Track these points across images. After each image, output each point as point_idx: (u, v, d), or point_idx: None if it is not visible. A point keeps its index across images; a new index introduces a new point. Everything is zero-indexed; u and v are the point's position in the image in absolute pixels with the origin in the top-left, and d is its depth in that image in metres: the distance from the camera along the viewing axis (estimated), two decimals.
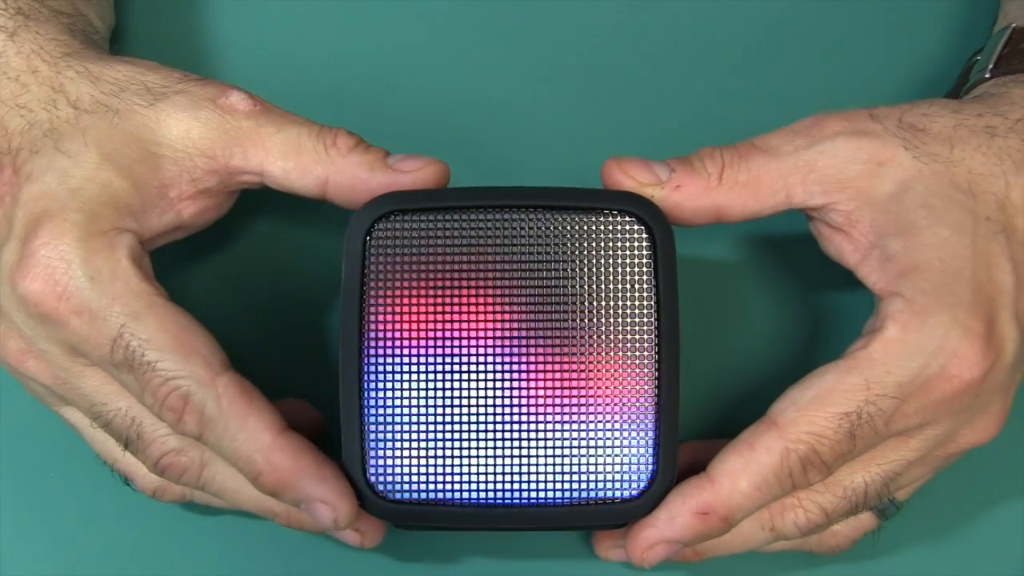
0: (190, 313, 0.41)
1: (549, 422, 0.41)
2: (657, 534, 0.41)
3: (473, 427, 0.41)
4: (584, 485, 0.41)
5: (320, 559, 0.48)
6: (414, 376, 0.41)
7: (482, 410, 0.41)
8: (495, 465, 0.41)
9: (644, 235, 0.41)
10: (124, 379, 0.41)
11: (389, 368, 0.41)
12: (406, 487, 0.41)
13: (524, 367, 0.41)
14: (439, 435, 0.41)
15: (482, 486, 0.41)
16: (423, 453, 0.41)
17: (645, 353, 0.41)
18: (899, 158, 0.41)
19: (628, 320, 0.41)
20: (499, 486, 0.41)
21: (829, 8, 0.52)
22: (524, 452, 0.41)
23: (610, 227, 0.41)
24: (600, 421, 0.41)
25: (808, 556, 0.46)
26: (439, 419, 0.41)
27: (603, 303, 0.41)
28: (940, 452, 0.42)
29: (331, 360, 0.49)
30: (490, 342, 0.41)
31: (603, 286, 0.41)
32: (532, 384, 0.41)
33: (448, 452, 0.41)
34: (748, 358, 0.49)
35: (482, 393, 0.41)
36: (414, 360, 0.41)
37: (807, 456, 0.40)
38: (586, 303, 0.41)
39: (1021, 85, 0.44)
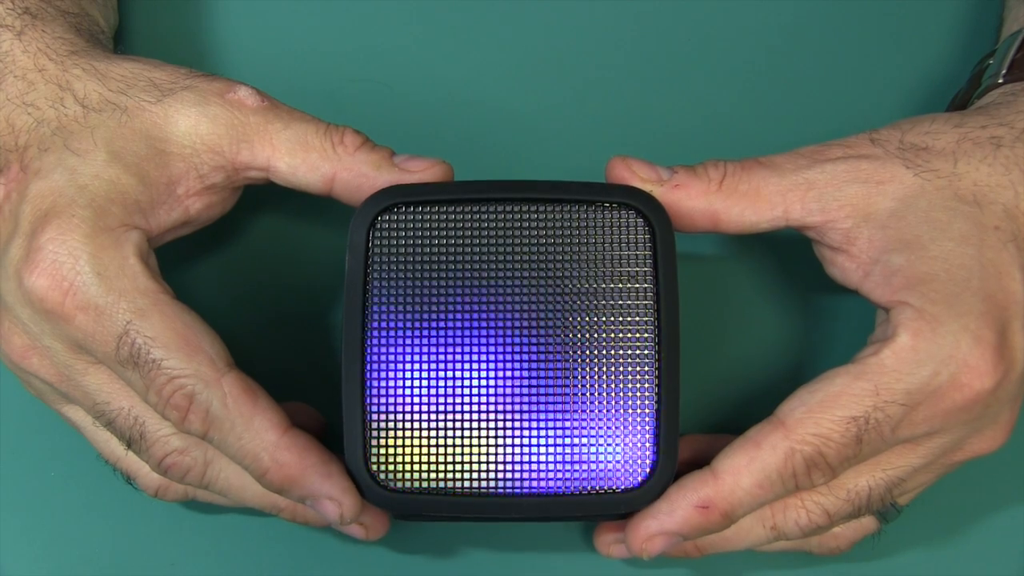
0: (195, 311, 0.41)
1: (551, 412, 0.41)
2: (657, 525, 0.41)
3: (475, 417, 0.41)
4: (585, 475, 0.41)
5: (322, 556, 0.48)
6: (416, 367, 0.41)
7: (484, 401, 0.41)
8: (496, 455, 0.41)
9: (645, 228, 0.41)
10: (128, 377, 0.41)
11: (391, 359, 0.41)
12: (408, 477, 0.41)
13: (526, 358, 0.41)
14: (441, 425, 0.41)
15: (483, 476, 0.41)
16: (425, 443, 0.41)
17: (646, 344, 0.41)
18: (900, 177, 0.41)
19: (629, 311, 0.41)
20: (500, 476, 0.41)
21: (836, 11, 0.52)
22: (526, 442, 0.41)
23: (611, 220, 0.41)
24: (601, 412, 0.41)
25: (808, 556, 0.46)
26: (441, 409, 0.41)
27: (604, 294, 0.41)
28: (946, 460, 0.43)
29: (333, 357, 0.49)
30: (492, 333, 0.41)
31: (604, 278, 0.41)
32: (534, 375, 0.41)
33: (450, 442, 0.41)
34: (750, 357, 0.49)
35: (484, 384, 0.41)
36: (416, 351, 0.41)
37: (812, 458, 0.40)
38: (587, 294, 0.41)
39: None
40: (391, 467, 0.41)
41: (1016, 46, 0.46)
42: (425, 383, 0.41)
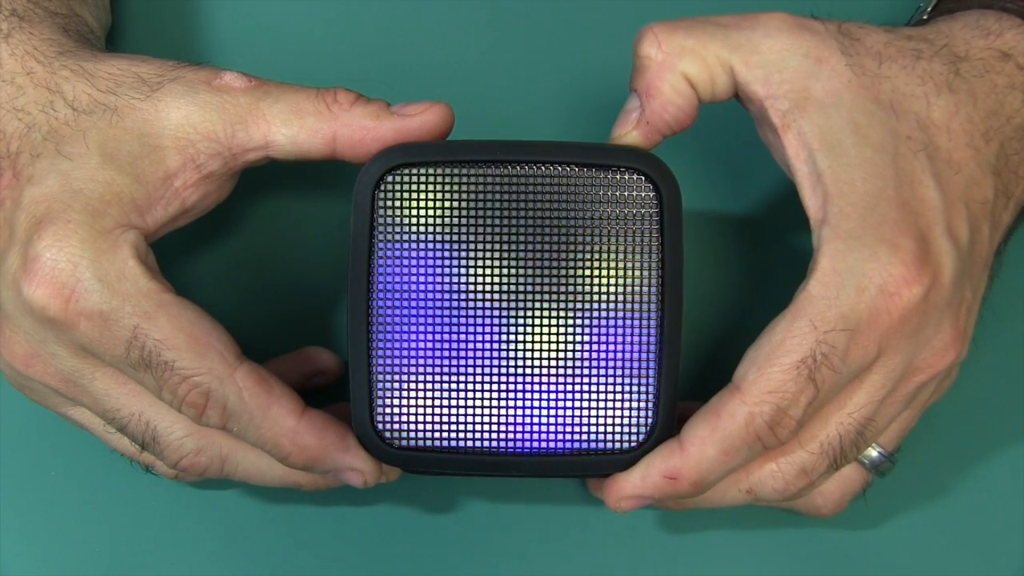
0: (199, 305, 0.41)
1: (552, 373, 0.41)
2: (631, 488, 0.42)
3: (478, 377, 0.41)
4: (584, 436, 0.42)
5: (325, 536, 0.49)
6: (421, 326, 0.41)
7: (487, 361, 0.41)
8: (499, 414, 0.42)
9: (651, 193, 0.41)
10: (140, 378, 0.41)
11: (397, 319, 0.41)
12: (412, 435, 0.42)
13: (529, 320, 0.41)
14: (445, 385, 0.42)
15: (486, 434, 0.42)
16: (429, 402, 0.42)
17: (649, 309, 0.41)
18: (835, 60, 0.41)
19: (632, 276, 0.41)
20: (502, 435, 0.42)
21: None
22: (527, 402, 0.42)
23: (617, 183, 0.41)
24: (602, 374, 0.42)
25: (813, 530, 0.47)
26: (445, 369, 0.41)
27: (608, 258, 0.41)
28: (907, 385, 0.42)
29: (336, 337, 0.49)
30: (496, 294, 0.41)
31: (609, 241, 0.41)
32: (536, 336, 0.41)
33: (453, 401, 0.42)
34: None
35: (487, 343, 0.41)
36: (421, 311, 0.41)
37: (773, 417, 0.40)
38: (592, 258, 0.41)
39: (948, 21, 0.44)
40: (396, 425, 0.42)
41: None
42: (429, 343, 0.41)
